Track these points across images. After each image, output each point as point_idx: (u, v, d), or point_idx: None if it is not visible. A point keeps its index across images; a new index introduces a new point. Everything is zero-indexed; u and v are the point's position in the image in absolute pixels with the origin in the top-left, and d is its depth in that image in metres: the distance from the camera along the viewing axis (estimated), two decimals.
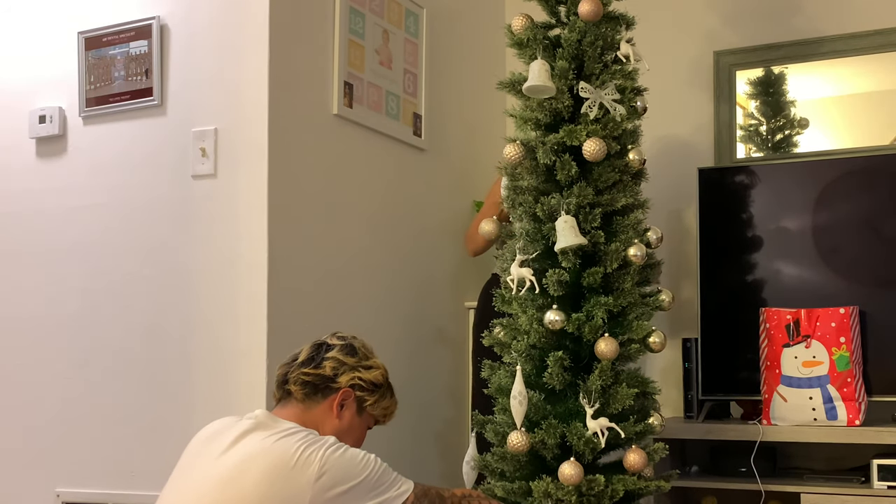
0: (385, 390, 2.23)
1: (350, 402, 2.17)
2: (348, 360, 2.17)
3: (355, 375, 2.16)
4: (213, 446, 2.04)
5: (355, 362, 2.17)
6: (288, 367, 2.19)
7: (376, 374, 2.20)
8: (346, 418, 2.17)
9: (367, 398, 2.18)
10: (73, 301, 3.01)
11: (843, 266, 3.19)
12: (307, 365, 2.16)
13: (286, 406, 2.17)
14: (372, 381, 2.18)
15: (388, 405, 2.25)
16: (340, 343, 2.20)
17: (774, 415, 3.05)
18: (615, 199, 2.58)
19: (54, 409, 3.00)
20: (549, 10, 2.70)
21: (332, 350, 2.18)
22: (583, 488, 2.45)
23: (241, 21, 2.83)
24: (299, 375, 2.15)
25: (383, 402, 2.23)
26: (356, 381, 2.16)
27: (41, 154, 3.11)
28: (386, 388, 2.24)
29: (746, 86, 3.65)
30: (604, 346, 2.48)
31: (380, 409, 2.23)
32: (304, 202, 2.89)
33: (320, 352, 2.19)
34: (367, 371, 2.18)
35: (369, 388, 2.18)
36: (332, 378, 2.15)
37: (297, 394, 2.15)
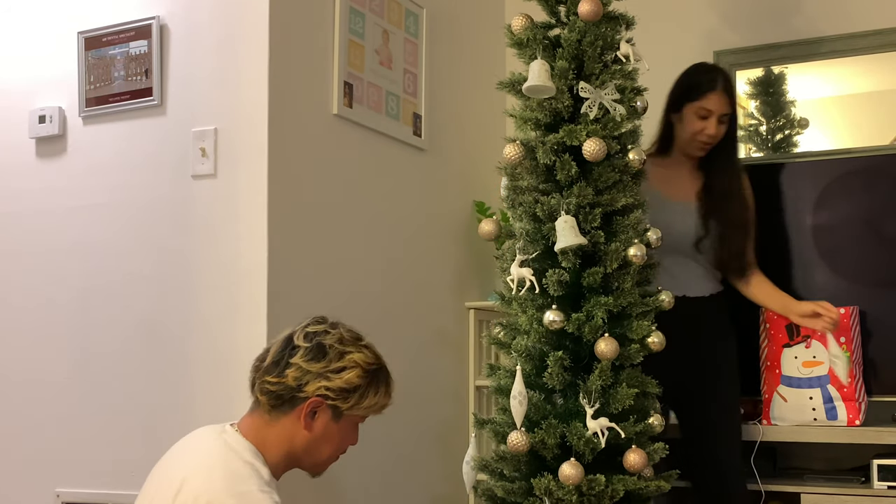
0: (367, 388, 1.99)
1: (322, 409, 1.96)
2: (312, 366, 1.94)
3: (322, 384, 1.93)
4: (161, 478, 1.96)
5: (322, 368, 1.94)
6: (255, 370, 2.00)
7: (350, 376, 1.95)
8: (319, 427, 1.98)
9: (341, 405, 1.96)
10: (73, 301, 3.01)
11: (843, 266, 3.19)
12: (271, 371, 1.96)
13: (253, 415, 2.00)
14: (343, 388, 1.95)
15: (373, 402, 2.01)
16: (306, 346, 1.96)
17: (774, 415, 3.05)
18: (615, 199, 2.58)
19: (54, 409, 3.00)
20: (549, 10, 2.70)
21: (297, 354, 1.95)
22: (583, 488, 2.45)
23: (241, 21, 2.83)
24: (264, 383, 1.96)
25: (366, 401, 1.99)
26: (323, 390, 1.94)
27: (41, 154, 3.11)
28: (368, 385, 1.99)
29: (746, 86, 3.65)
30: (604, 346, 2.48)
31: (363, 409, 2.01)
32: (304, 202, 2.89)
33: (285, 353, 1.96)
34: (336, 376, 1.94)
35: (341, 395, 1.95)
36: (297, 388, 1.94)
37: (263, 404, 1.98)
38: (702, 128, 2.96)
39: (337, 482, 2.96)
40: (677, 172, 3.05)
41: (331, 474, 2.93)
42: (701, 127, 2.96)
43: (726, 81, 3.01)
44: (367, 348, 2.02)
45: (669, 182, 3.01)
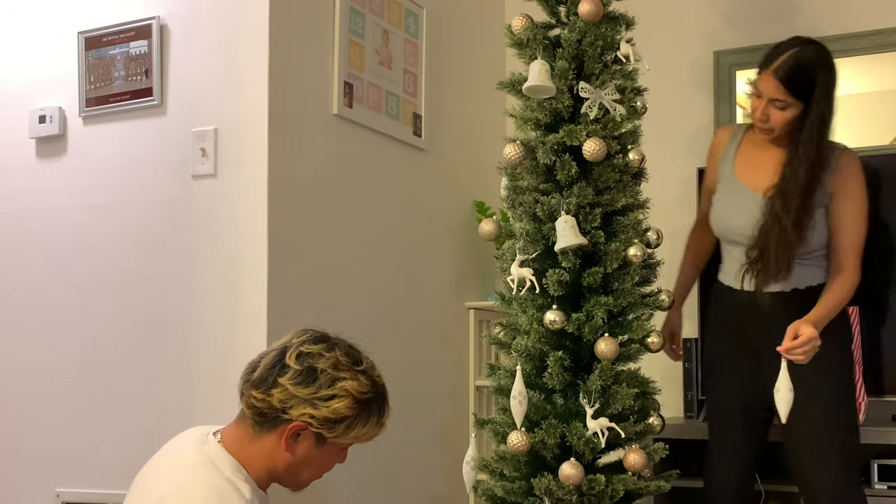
0: (355, 419, 1.87)
1: (306, 433, 1.87)
2: (299, 391, 1.83)
3: (307, 412, 1.83)
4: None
5: (309, 394, 1.83)
6: (244, 380, 1.92)
7: (338, 406, 1.84)
8: (301, 452, 1.89)
9: (325, 433, 1.86)
10: (73, 301, 3.01)
11: None
12: (258, 387, 1.86)
13: (238, 425, 1.93)
14: (328, 418, 1.84)
15: (362, 433, 1.90)
16: (297, 368, 1.85)
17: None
18: (615, 199, 2.58)
19: (54, 409, 3.00)
20: (549, 10, 2.70)
21: (285, 375, 1.84)
22: (583, 488, 2.45)
23: (241, 21, 2.83)
24: (250, 398, 1.88)
25: (353, 431, 1.88)
26: (307, 417, 1.83)
27: (41, 154, 3.11)
28: (356, 416, 1.87)
29: (746, 86, 3.64)
30: (604, 346, 2.48)
31: (350, 438, 1.90)
32: (304, 202, 2.89)
33: (274, 371, 1.86)
34: (324, 404, 1.83)
35: (326, 424, 1.85)
36: (282, 410, 1.84)
37: (248, 417, 1.90)
38: (754, 107, 2.69)
39: (337, 482, 2.96)
40: (767, 156, 2.73)
41: (331, 474, 2.93)
42: (753, 106, 2.69)
43: (788, 64, 2.60)
44: (363, 374, 1.89)
45: (753, 165, 2.73)
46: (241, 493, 1.84)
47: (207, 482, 1.84)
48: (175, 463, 1.93)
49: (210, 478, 1.85)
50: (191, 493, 1.83)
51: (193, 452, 1.91)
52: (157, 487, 1.87)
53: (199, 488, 1.83)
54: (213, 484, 1.83)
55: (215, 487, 1.83)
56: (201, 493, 1.82)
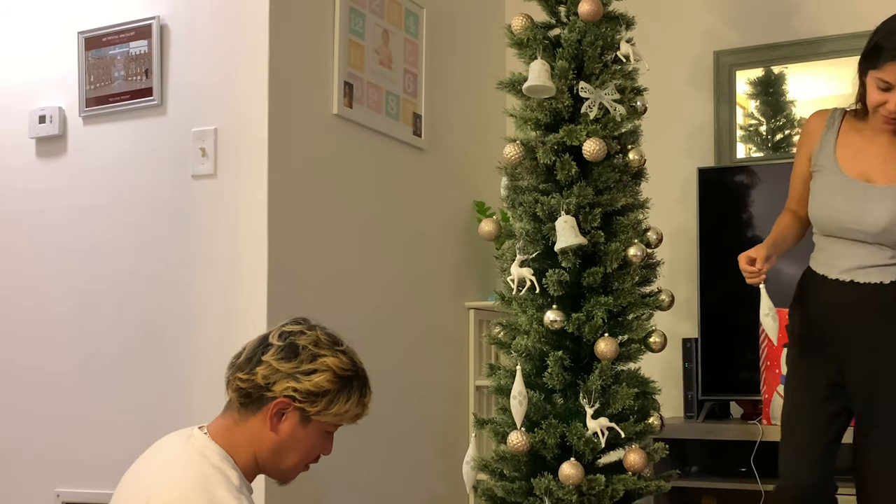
0: (336, 394, 1.90)
1: (290, 411, 1.89)
2: (282, 366, 1.87)
3: (290, 385, 1.87)
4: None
5: (291, 368, 1.87)
6: (230, 366, 1.95)
7: (319, 379, 1.87)
8: (285, 431, 1.90)
9: (308, 408, 1.88)
10: (73, 301, 3.01)
11: None
12: (243, 368, 1.90)
13: (224, 416, 1.95)
14: (311, 391, 1.87)
15: (344, 409, 1.92)
16: (278, 344, 1.90)
17: (774, 414, 3.05)
18: (615, 199, 2.58)
19: (54, 409, 3.00)
20: (549, 10, 2.70)
21: (269, 352, 1.89)
22: (583, 488, 2.45)
23: (241, 21, 2.83)
24: (235, 380, 1.91)
25: (334, 407, 1.90)
26: (290, 391, 1.87)
27: (41, 154, 3.11)
28: (337, 391, 1.90)
29: (746, 86, 3.65)
30: (604, 346, 2.48)
31: (332, 416, 1.91)
32: (304, 202, 2.89)
33: (258, 351, 1.91)
34: (306, 378, 1.87)
35: (308, 398, 1.88)
36: (266, 387, 1.88)
37: (233, 401, 1.92)
38: (882, 101, 2.47)
39: (337, 482, 2.96)
40: (872, 143, 2.55)
41: (331, 474, 2.93)
42: (881, 100, 2.47)
43: None
44: (343, 353, 1.93)
45: (856, 153, 2.56)
46: (229, 479, 1.85)
47: (195, 470, 1.85)
48: (161, 458, 1.93)
49: (197, 466, 1.86)
50: (179, 482, 1.83)
51: (179, 446, 1.92)
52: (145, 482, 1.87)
53: (188, 477, 1.84)
54: (200, 471, 1.84)
55: (203, 475, 1.84)
56: (190, 481, 1.83)
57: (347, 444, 2.98)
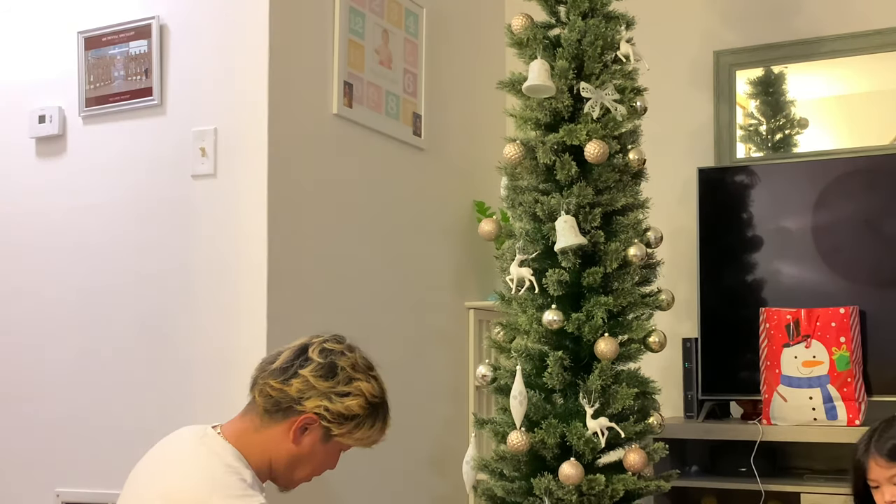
0: (364, 419, 1.95)
1: (315, 427, 1.93)
2: (320, 384, 1.91)
3: (322, 404, 1.90)
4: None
5: (328, 388, 1.91)
6: (260, 371, 1.98)
7: (352, 403, 1.92)
8: (306, 445, 1.94)
9: (334, 429, 1.93)
10: (73, 301, 3.01)
11: (843, 266, 3.19)
12: (278, 376, 1.93)
13: (244, 416, 1.98)
14: (341, 413, 1.92)
15: (367, 435, 1.97)
16: (320, 361, 1.93)
17: (774, 415, 3.05)
18: (615, 198, 2.58)
19: (54, 409, 3.00)
20: (549, 10, 2.70)
21: (308, 367, 1.93)
22: (583, 488, 2.45)
23: (241, 21, 2.83)
24: (266, 386, 1.94)
25: (358, 432, 1.96)
26: (322, 410, 1.91)
27: (41, 154, 3.11)
28: (365, 416, 1.95)
29: (746, 86, 3.65)
30: (604, 346, 2.48)
31: (354, 439, 1.97)
32: (304, 202, 2.89)
33: (296, 363, 1.94)
34: (339, 400, 1.91)
35: (337, 419, 1.92)
36: (297, 400, 1.91)
37: (259, 405, 1.95)
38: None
39: (337, 483, 2.96)
40: None
41: (330, 474, 2.93)
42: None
43: None
44: (375, 380, 1.98)
45: None
46: (242, 477, 1.87)
47: (208, 470, 1.86)
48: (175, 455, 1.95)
49: (211, 464, 1.87)
50: (193, 479, 1.84)
51: (193, 445, 1.94)
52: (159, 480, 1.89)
53: (201, 475, 1.85)
54: (214, 470, 1.86)
55: (216, 473, 1.85)
56: (202, 479, 1.84)
57: None
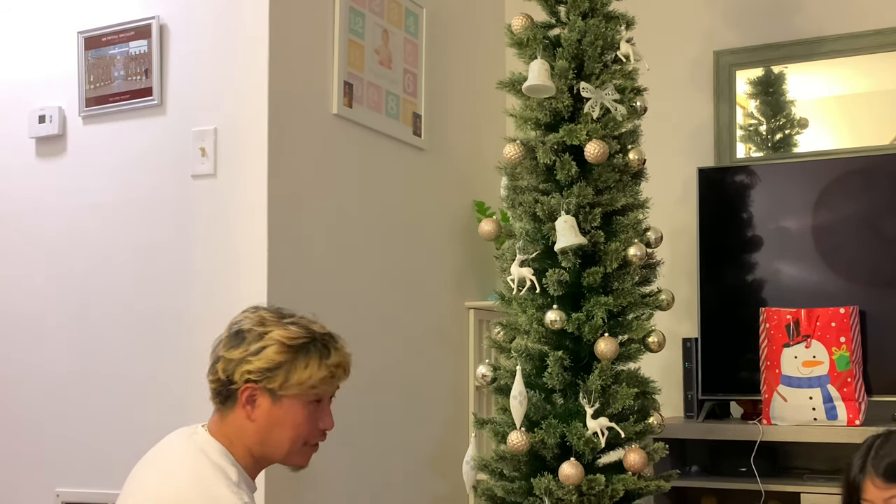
0: (291, 363, 1.87)
1: (257, 393, 1.88)
2: (233, 354, 1.88)
3: (245, 369, 1.86)
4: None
5: (241, 353, 1.87)
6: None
7: (268, 353, 1.86)
8: (262, 416, 1.89)
9: (270, 385, 1.86)
10: (73, 301, 3.01)
11: (843, 266, 3.19)
12: (210, 371, 1.93)
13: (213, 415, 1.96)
14: (265, 368, 1.86)
15: (308, 376, 1.88)
16: (227, 335, 1.91)
17: (774, 415, 3.05)
18: (615, 198, 2.58)
19: (54, 409, 3.00)
20: (548, 10, 2.70)
21: (220, 345, 1.91)
22: (583, 488, 2.45)
23: (241, 21, 2.82)
24: (209, 384, 1.93)
25: (294, 376, 1.87)
26: (247, 374, 1.86)
27: (41, 154, 3.11)
28: (291, 361, 1.87)
29: (746, 85, 3.65)
30: (604, 345, 2.48)
31: (295, 386, 1.88)
32: (304, 202, 2.89)
33: (215, 349, 1.94)
34: (255, 357, 1.86)
35: (265, 375, 1.86)
36: (228, 380, 1.88)
37: (214, 403, 1.94)
38: None
39: (337, 482, 2.96)
40: None
41: (330, 474, 2.93)
42: None
43: None
44: (293, 325, 1.92)
45: None
46: (227, 475, 1.86)
47: (194, 469, 1.86)
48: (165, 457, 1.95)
49: (197, 464, 1.87)
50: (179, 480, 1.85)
51: (183, 444, 1.94)
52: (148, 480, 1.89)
53: (187, 476, 1.85)
54: (200, 470, 1.85)
55: (201, 473, 1.85)
56: (188, 479, 1.84)
57: (347, 443, 2.98)
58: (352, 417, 3.01)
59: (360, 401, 3.04)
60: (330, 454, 2.92)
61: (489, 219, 2.70)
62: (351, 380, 3.02)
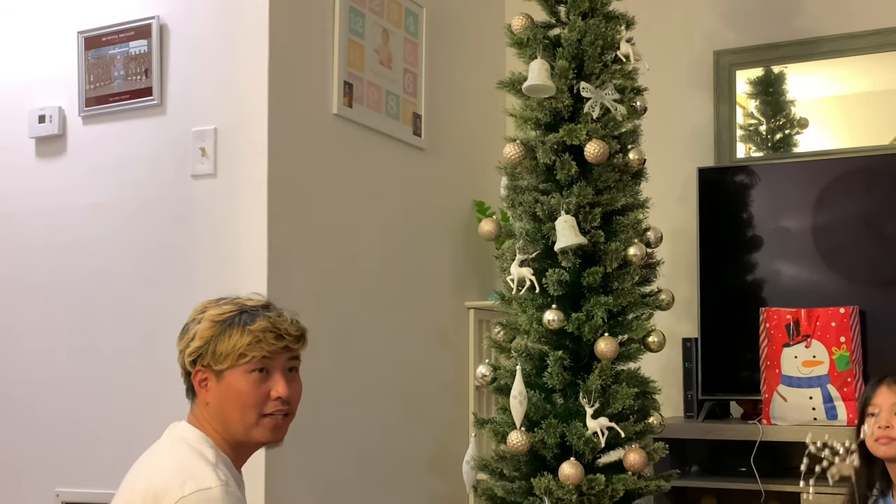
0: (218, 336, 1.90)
1: (201, 374, 1.92)
2: (179, 345, 1.95)
3: (186, 356, 1.92)
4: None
5: (184, 343, 1.94)
6: None
7: (199, 332, 1.91)
8: (213, 396, 1.92)
9: (205, 362, 1.90)
10: (73, 301, 3.00)
11: (843, 266, 3.19)
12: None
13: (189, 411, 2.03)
14: (197, 347, 1.90)
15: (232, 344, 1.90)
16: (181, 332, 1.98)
17: (774, 414, 3.05)
18: (615, 198, 2.58)
19: (54, 409, 3.00)
20: (548, 10, 2.70)
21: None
22: (583, 487, 2.45)
23: (241, 21, 2.83)
24: None
25: (221, 346, 1.89)
26: (188, 359, 1.92)
27: (41, 154, 3.11)
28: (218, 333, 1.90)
29: (746, 85, 3.66)
30: (604, 345, 2.48)
31: (224, 357, 1.90)
32: (304, 202, 2.89)
33: None
34: (191, 343, 1.91)
35: (198, 353, 1.91)
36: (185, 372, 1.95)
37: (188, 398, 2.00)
38: None
39: (337, 481, 2.96)
40: None
41: (331, 473, 2.93)
42: None
43: None
44: (227, 304, 1.96)
45: None
46: (205, 457, 1.90)
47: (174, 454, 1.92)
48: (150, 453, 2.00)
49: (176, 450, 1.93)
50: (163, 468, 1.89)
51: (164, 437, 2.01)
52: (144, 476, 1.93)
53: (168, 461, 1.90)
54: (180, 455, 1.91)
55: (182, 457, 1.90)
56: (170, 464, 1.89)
57: (347, 443, 2.98)
58: (352, 417, 3.02)
59: (360, 400, 3.05)
60: (330, 454, 2.92)
61: (489, 219, 2.70)
62: (351, 380, 3.03)
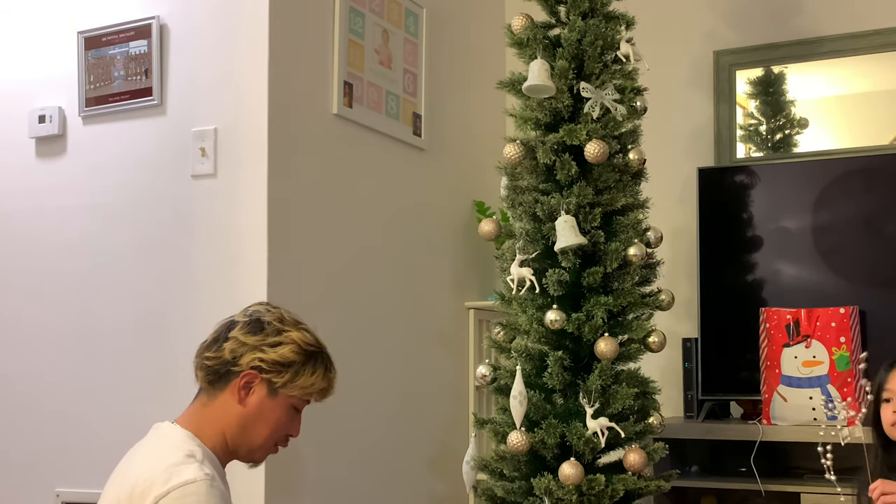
0: (301, 366, 1.95)
1: (257, 384, 1.94)
2: (249, 339, 1.94)
3: (257, 356, 1.93)
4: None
5: (258, 341, 1.94)
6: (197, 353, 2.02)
7: (284, 350, 1.94)
8: (254, 403, 1.94)
9: (275, 379, 1.93)
10: (73, 301, 3.00)
11: (843, 266, 3.19)
12: (210, 348, 1.98)
13: (193, 401, 2.01)
14: (277, 361, 1.93)
15: (310, 383, 1.96)
16: (245, 320, 1.97)
17: (774, 415, 3.05)
18: (615, 198, 2.58)
19: (54, 409, 3.00)
20: (549, 10, 2.70)
21: (235, 328, 1.97)
22: (583, 488, 2.45)
23: (241, 21, 2.82)
24: (202, 360, 1.98)
25: (300, 379, 1.95)
26: (257, 361, 1.93)
27: (41, 154, 3.11)
28: (302, 363, 1.95)
29: (746, 85, 3.66)
30: (604, 345, 2.48)
31: (297, 388, 1.95)
32: (304, 202, 2.89)
33: (223, 331, 1.99)
34: (272, 349, 1.93)
35: (274, 368, 1.93)
36: (233, 361, 1.94)
37: (201, 382, 1.98)
38: None
39: (336, 481, 2.96)
40: None
41: (331, 473, 2.93)
42: None
43: None
44: (306, 331, 2.00)
45: None
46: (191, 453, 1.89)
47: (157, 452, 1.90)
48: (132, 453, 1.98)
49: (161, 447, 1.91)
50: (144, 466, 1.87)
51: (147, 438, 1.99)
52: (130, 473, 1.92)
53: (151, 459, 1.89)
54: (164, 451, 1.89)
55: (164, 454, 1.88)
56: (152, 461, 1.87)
57: (347, 443, 2.98)
58: (352, 417, 3.01)
59: (360, 401, 3.04)
60: (330, 454, 2.92)
61: (489, 219, 2.71)
62: (351, 380, 3.03)
